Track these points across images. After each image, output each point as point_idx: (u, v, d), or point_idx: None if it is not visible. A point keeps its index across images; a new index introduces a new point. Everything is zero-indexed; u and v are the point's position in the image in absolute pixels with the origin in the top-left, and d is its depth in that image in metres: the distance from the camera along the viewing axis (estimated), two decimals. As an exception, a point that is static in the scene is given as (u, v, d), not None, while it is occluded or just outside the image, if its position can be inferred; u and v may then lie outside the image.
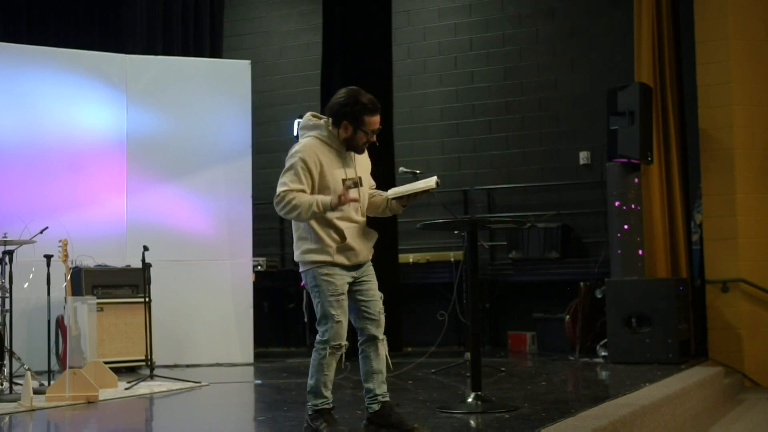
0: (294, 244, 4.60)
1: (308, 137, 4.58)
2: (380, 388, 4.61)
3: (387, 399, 4.62)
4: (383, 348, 4.63)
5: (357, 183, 4.57)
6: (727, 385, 7.69)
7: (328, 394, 4.53)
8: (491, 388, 6.09)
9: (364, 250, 4.60)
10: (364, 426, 4.65)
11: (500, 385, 6.55)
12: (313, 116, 4.63)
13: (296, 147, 4.55)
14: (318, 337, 4.51)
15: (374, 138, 4.59)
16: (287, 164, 4.49)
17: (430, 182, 4.60)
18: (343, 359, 4.57)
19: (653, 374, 6.88)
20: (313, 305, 4.56)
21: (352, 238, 4.52)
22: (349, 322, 4.59)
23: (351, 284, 4.56)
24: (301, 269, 4.58)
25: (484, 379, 5.58)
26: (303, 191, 4.43)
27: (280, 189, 4.44)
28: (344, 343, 4.51)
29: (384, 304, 4.67)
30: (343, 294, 4.51)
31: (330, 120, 4.56)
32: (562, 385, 6.85)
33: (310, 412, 4.55)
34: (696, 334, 8.56)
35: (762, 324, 8.32)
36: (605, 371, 7.43)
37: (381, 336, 4.62)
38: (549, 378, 7.02)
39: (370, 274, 4.64)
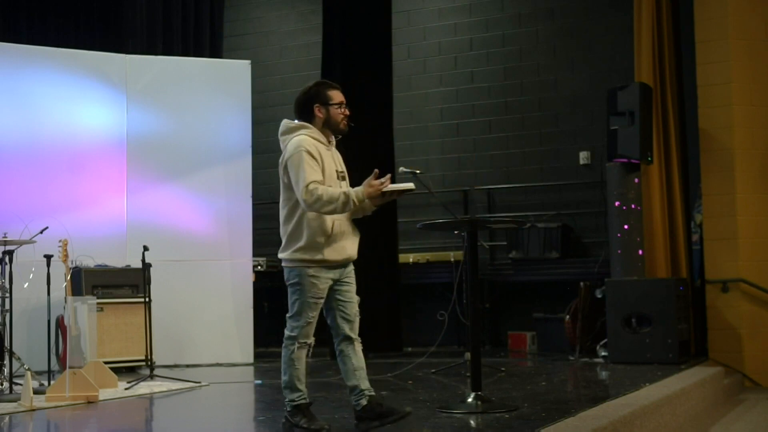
0: (283, 242, 4.63)
1: (298, 136, 4.60)
2: (364, 383, 4.66)
3: (373, 393, 4.67)
4: (359, 345, 4.71)
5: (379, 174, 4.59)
6: (727, 385, 7.68)
7: (302, 387, 4.60)
8: (491, 388, 6.09)
9: (351, 246, 4.66)
10: (355, 425, 4.67)
11: (500, 385, 6.54)
12: (289, 121, 4.70)
13: (292, 146, 4.56)
14: (287, 333, 4.62)
15: (347, 111, 4.69)
16: (293, 162, 4.50)
17: (408, 185, 4.67)
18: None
19: (653, 374, 6.88)
20: (288, 299, 4.65)
21: (340, 232, 4.58)
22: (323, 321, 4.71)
23: (331, 285, 4.62)
24: (285, 264, 4.64)
25: (484, 379, 5.58)
26: (322, 182, 4.47)
27: (303, 184, 4.43)
28: (311, 340, 4.63)
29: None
30: (323, 298, 4.61)
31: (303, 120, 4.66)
32: (562, 385, 6.84)
33: (288, 408, 4.62)
34: (696, 334, 8.55)
35: (762, 324, 8.31)
36: (605, 371, 7.43)
37: (355, 336, 4.69)
38: (549, 378, 7.01)
39: (351, 276, 4.72)
